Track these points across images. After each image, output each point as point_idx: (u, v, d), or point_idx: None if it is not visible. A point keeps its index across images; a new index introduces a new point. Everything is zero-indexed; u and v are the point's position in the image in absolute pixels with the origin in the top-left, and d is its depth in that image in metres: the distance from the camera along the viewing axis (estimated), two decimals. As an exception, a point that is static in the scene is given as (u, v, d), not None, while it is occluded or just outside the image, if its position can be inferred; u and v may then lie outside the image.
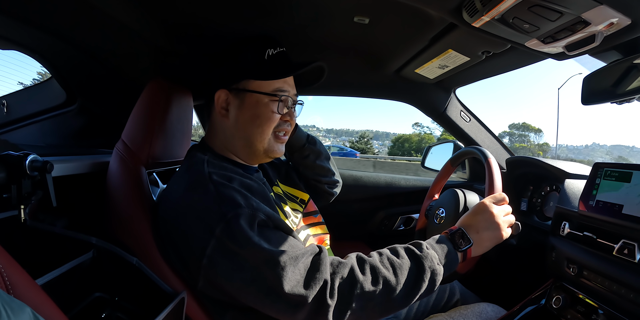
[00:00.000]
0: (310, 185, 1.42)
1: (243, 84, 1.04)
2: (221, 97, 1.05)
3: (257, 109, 1.03)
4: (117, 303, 0.97)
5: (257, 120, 1.03)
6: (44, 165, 0.86)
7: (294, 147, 1.35)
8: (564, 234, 1.09)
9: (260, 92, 1.03)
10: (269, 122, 1.04)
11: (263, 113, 1.03)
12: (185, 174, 1.01)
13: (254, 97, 1.03)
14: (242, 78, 1.03)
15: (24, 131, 1.41)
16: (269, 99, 1.03)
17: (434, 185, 1.49)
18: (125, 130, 1.18)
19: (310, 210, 1.27)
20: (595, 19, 0.74)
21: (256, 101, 1.03)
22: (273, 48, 1.05)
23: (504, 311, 1.24)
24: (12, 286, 0.58)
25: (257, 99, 1.03)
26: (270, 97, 1.03)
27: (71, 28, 1.21)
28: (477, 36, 1.13)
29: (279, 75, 1.04)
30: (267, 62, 1.04)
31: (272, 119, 1.04)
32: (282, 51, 1.07)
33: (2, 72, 1.43)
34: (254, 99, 1.03)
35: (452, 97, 1.83)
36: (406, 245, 0.95)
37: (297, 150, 1.36)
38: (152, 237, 1.00)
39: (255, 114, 1.03)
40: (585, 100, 0.98)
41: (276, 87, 1.04)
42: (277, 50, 1.06)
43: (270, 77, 1.03)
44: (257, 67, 1.03)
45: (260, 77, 1.03)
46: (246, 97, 1.03)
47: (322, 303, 0.81)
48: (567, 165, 1.37)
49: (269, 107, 1.03)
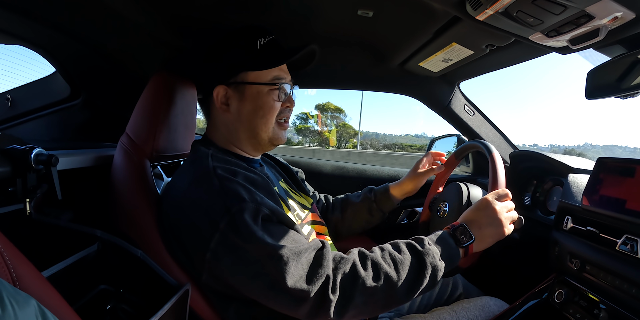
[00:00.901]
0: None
1: (240, 77, 1.03)
2: (220, 93, 1.05)
3: (259, 100, 1.03)
4: (121, 295, 0.98)
5: (260, 111, 1.04)
6: (49, 158, 0.87)
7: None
8: (567, 229, 1.09)
9: (259, 82, 1.03)
10: (272, 111, 1.04)
11: (265, 103, 1.03)
12: (190, 168, 1.02)
13: (253, 89, 1.03)
14: (239, 71, 1.03)
15: (29, 125, 1.41)
16: (269, 89, 1.03)
17: (438, 178, 1.49)
18: (129, 124, 1.19)
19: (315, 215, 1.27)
20: (599, 13, 0.73)
21: (257, 92, 1.03)
22: (263, 37, 1.05)
23: (507, 305, 1.24)
24: (18, 278, 0.59)
25: (257, 89, 1.03)
26: (270, 86, 1.03)
27: (75, 22, 1.21)
28: (481, 29, 1.12)
29: (275, 63, 1.04)
30: (260, 52, 1.03)
31: (274, 107, 1.04)
32: (272, 39, 1.07)
33: (7, 67, 1.43)
34: (254, 90, 1.03)
35: (456, 90, 1.82)
36: (408, 241, 0.96)
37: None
38: (156, 229, 1.01)
39: (258, 105, 1.03)
40: (589, 95, 0.97)
41: (274, 76, 1.04)
42: (268, 38, 1.06)
43: (266, 66, 1.03)
44: (251, 58, 1.03)
45: (257, 67, 1.03)
46: (246, 89, 1.03)
47: (325, 298, 0.82)
48: (571, 159, 1.37)
49: (270, 96, 1.03)
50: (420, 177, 1.39)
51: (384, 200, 1.40)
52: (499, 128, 1.87)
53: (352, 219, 1.43)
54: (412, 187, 1.40)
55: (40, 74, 1.49)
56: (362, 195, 1.45)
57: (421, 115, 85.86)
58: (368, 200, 1.42)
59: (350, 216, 1.43)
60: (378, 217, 1.43)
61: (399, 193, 1.41)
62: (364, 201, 1.42)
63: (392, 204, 1.41)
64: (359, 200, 1.43)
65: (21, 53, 1.68)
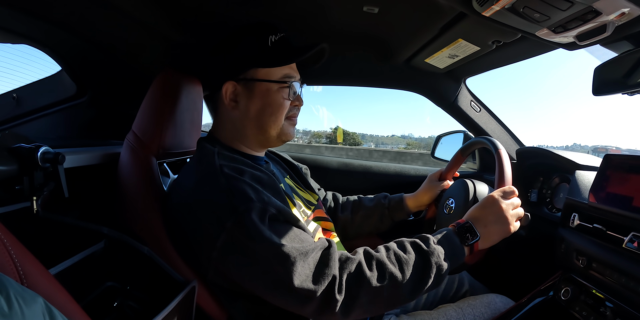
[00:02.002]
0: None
1: (250, 74, 1.03)
2: (229, 89, 1.04)
3: (269, 98, 1.03)
4: (128, 292, 0.99)
5: (269, 108, 1.03)
6: (55, 156, 0.88)
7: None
8: (574, 226, 1.08)
9: (269, 80, 1.02)
10: (281, 109, 1.04)
11: (275, 101, 1.03)
12: (197, 166, 1.02)
13: (263, 86, 1.02)
14: (249, 67, 1.02)
15: (35, 124, 1.42)
16: (279, 86, 1.03)
17: (446, 173, 1.48)
18: (135, 121, 1.19)
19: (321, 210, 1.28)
20: (606, 9, 0.72)
21: (266, 89, 1.02)
22: (274, 34, 1.04)
23: (513, 302, 1.24)
24: (25, 276, 0.59)
25: (267, 87, 1.02)
26: (280, 84, 1.03)
27: (80, 20, 1.21)
28: (487, 25, 1.11)
29: (287, 61, 1.03)
30: (271, 49, 1.03)
31: (283, 105, 1.04)
32: (283, 36, 1.06)
33: (12, 66, 1.43)
34: (264, 87, 1.02)
35: (462, 87, 1.81)
36: (413, 240, 0.96)
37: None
38: (163, 226, 1.01)
39: (267, 102, 1.03)
40: (596, 91, 0.97)
41: (284, 74, 1.03)
42: (279, 35, 1.05)
43: (278, 63, 1.02)
44: (262, 54, 1.02)
45: (267, 64, 1.02)
46: (255, 86, 1.03)
47: (331, 298, 0.82)
48: (577, 156, 1.36)
49: (280, 94, 1.03)
50: (435, 188, 1.42)
51: (397, 209, 1.42)
52: (505, 125, 1.86)
53: (361, 222, 1.44)
54: (428, 198, 1.42)
55: (45, 72, 1.49)
56: (375, 200, 1.46)
57: (426, 114, 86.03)
58: (381, 206, 1.42)
59: (360, 219, 1.44)
60: (387, 225, 1.44)
61: (413, 204, 1.42)
62: (376, 207, 1.43)
63: (404, 214, 1.43)
64: (371, 205, 1.44)
65: (27, 52, 1.68)
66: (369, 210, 1.43)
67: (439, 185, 1.42)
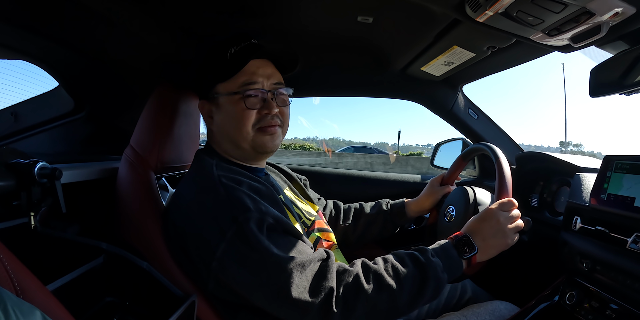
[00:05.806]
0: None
1: (216, 90, 1.04)
2: (205, 107, 1.06)
3: (230, 110, 1.02)
4: (128, 307, 0.98)
5: (233, 121, 1.02)
6: (52, 172, 0.87)
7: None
8: (576, 229, 1.07)
9: (228, 92, 1.02)
10: (244, 120, 1.01)
11: (236, 113, 1.01)
12: (195, 177, 1.02)
13: (225, 99, 1.03)
14: (214, 83, 1.04)
15: (33, 139, 1.42)
16: (239, 97, 1.01)
17: (447, 178, 1.47)
18: (133, 136, 1.19)
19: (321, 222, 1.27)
20: (599, 9, 0.73)
21: (228, 102, 1.02)
22: (236, 45, 1.03)
23: (517, 309, 1.22)
24: (22, 292, 0.59)
25: (229, 100, 1.02)
26: (239, 94, 1.01)
27: (77, 36, 1.22)
28: (481, 31, 1.12)
29: (235, 68, 1.01)
30: (228, 61, 1.02)
31: (245, 116, 1.01)
32: (246, 45, 1.04)
33: (10, 82, 1.43)
34: (226, 100, 1.03)
35: (459, 94, 1.82)
36: (411, 252, 0.96)
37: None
38: (162, 241, 1.01)
39: (230, 115, 1.03)
40: (593, 93, 0.97)
41: (242, 82, 1.01)
42: (242, 44, 1.03)
43: (230, 73, 1.01)
44: (220, 68, 1.03)
45: (223, 77, 1.02)
46: (220, 101, 1.03)
47: (328, 310, 0.83)
48: (576, 159, 1.35)
49: (240, 105, 1.00)
50: (436, 193, 1.41)
51: (399, 214, 1.41)
52: (503, 130, 1.86)
53: (364, 229, 1.43)
54: (430, 203, 1.42)
55: (43, 88, 1.50)
56: (377, 206, 1.45)
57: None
58: (383, 212, 1.42)
59: (363, 226, 1.43)
60: (390, 230, 1.43)
61: (415, 209, 1.42)
62: (379, 213, 1.43)
63: (406, 219, 1.42)
64: (373, 212, 1.44)
65: (24, 68, 1.69)
66: (371, 217, 1.43)
67: (441, 190, 1.41)
